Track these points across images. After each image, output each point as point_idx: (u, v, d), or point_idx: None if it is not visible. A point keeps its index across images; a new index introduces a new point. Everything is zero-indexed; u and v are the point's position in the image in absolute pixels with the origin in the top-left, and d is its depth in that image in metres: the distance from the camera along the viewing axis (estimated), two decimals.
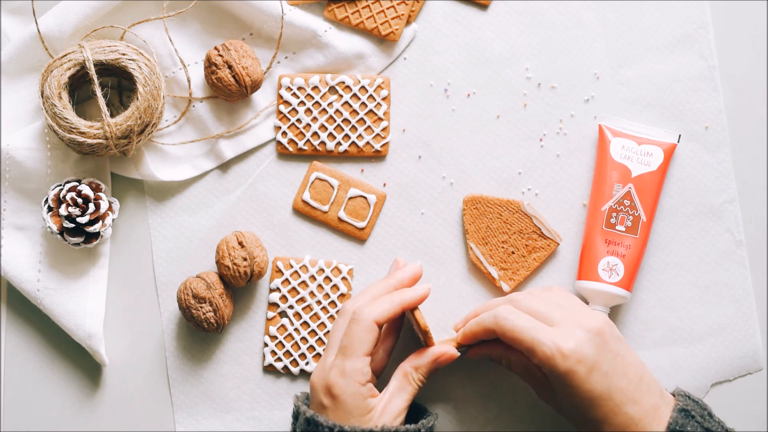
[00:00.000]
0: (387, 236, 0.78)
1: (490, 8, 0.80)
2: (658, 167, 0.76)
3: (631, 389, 0.65)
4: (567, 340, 0.65)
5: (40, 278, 0.77)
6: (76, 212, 0.73)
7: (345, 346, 0.67)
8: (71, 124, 0.73)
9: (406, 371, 0.69)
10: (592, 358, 0.64)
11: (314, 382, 0.68)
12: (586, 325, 0.66)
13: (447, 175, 0.79)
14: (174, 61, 0.79)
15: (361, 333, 0.67)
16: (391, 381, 0.70)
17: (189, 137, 0.80)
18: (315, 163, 0.79)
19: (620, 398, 0.65)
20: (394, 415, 0.67)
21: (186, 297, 0.74)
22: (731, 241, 0.78)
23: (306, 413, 0.67)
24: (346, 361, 0.66)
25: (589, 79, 0.79)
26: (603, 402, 0.64)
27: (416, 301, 0.69)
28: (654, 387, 0.67)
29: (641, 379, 0.66)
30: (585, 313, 0.68)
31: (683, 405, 0.66)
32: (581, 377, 0.64)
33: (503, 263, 0.76)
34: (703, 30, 0.79)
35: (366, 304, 0.68)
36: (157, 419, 0.78)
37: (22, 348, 0.78)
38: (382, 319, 0.67)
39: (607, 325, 0.67)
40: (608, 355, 0.65)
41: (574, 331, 0.65)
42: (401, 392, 0.69)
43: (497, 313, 0.67)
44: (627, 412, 0.65)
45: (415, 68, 0.79)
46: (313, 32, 0.78)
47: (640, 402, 0.65)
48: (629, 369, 0.66)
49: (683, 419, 0.65)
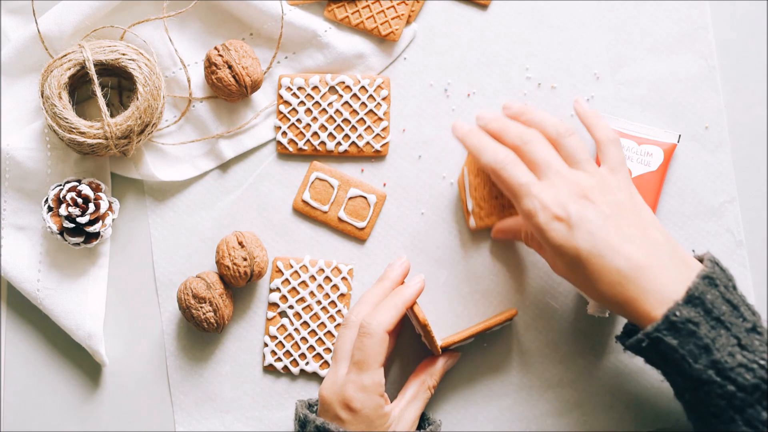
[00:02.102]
0: (387, 236, 0.78)
1: (490, 8, 0.80)
2: (658, 167, 0.76)
3: (622, 245, 0.63)
4: (546, 193, 0.64)
5: (40, 278, 0.77)
6: (76, 212, 0.73)
7: (360, 360, 0.67)
8: (71, 124, 0.73)
9: (422, 380, 0.72)
10: (575, 216, 0.63)
11: (327, 396, 0.68)
12: (577, 186, 0.64)
13: (447, 175, 0.79)
14: (174, 61, 0.79)
15: (375, 346, 0.67)
16: (407, 389, 0.72)
17: (189, 137, 0.80)
18: (315, 163, 0.79)
19: (608, 253, 0.62)
20: (409, 423, 0.70)
21: (186, 297, 0.74)
22: (731, 241, 0.78)
23: (315, 421, 0.67)
24: (363, 376, 0.67)
25: (589, 79, 0.79)
26: (591, 258, 0.62)
27: (415, 297, 0.70)
28: (662, 248, 0.64)
29: (641, 237, 0.63)
30: (588, 173, 0.66)
31: (709, 272, 0.63)
32: (561, 234, 0.63)
33: (482, 201, 0.75)
34: (703, 30, 0.79)
35: (371, 314, 0.68)
36: (157, 419, 0.78)
37: (22, 348, 0.78)
38: (391, 327, 0.68)
39: (606, 188, 0.65)
40: (595, 215, 0.63)
41: (561, 188, 0.64)
42: (416, 401, 0.71)
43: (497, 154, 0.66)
44: (616, 266, 0.62)
45: (415, 68, 0.79)
46: (313, 32, 0.78)
47: (633, 257, 0.62)
48: (625, 227, 0.63)
49: (705, 286, 0.62)
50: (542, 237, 0.64)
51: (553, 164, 0.66)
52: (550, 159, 0.66)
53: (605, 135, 0.68)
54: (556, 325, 0.77)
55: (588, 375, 0.76)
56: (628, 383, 0.76)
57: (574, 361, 0.76)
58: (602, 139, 0.68)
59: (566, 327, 0.77)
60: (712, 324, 0.61)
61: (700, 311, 0.61)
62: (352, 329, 0.69)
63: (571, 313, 0.77)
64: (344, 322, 0.70)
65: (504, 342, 0.77)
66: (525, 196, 0.65)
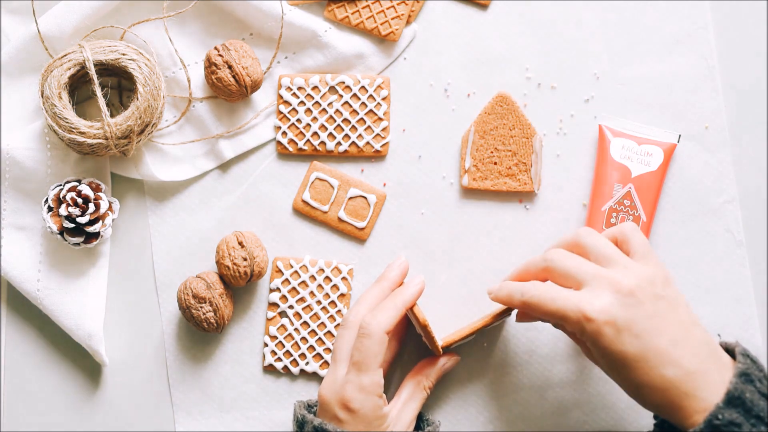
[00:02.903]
0: (387, 236, 0.78)
1: (490, 8, 0.80)
2: (658, 167, 0.76)
3: (669, 350, 0.62)
4: (593, 303, 0.62)
5: (40, 278, 0.77)
6: (76, 212, 0.73)
7: (359, 361, 0.67)
8: (71, 124, 0.73)
9: (418, 380, 0.72)
10: (621, 320, 0.62)
11: (326, 396, 0.68)
12: (619, 284, 0.63)
13: (447, 175, 0.79)
14: (174, 61, 0.79)
15: (374, 347, 0.67)
16: (402, 390, 0.72)
17: (189, 137, 0.80)
18: (315, 163, 0.79)
19: (656, 360, 0.61)
20: (406, 423, 0.70)
21: (186, 297, 0.74)
22: (731, 241, 0.78)
23: (313, 422, 0.67)
24: (362, 377, 0.67)
25: (589, 79, 0.79)
26: (637, 363, 0.62)
27: (415, 297, 0.70)
28: (702, 348, 0.63)
29: (685, 339, 0.62)
30: (624, 268, 0.65)
31: (744, 368, 0.62)
32: (610, 338, 0.62)
33: (480, 163, 0.76)
34: (703, 30, 0.79)
35: (370, 314, 0.68)
36: (157, 419, 0.78)
37: (22, 348, 0.78)
38: (391, 327, 0.68)
39: (645, 282, 0.63)
40: (641, 316, 0.62)
41: (602, 292, 0.63)
42: (412, 401, 0.71)
43: (523, 291, 0.66)
44: (664, 374, 0.61)
45: (415, 68, 0.79)
46: (313, 32, 0.78)
47: (680, 364, 0.61)
48: (669, 328, 0.63)
49: (742, 384, 0.61)
50: (593, 343, 0.63)
51: (588, 269, 0.65)
52: (582, 264, 0.65)
53: (620, 228, 0.68)
54: None
55: (588, 375, 0.76)
56: None
57: (574, 361, 0.76)
58: (623, 230, 0.68)
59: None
60: (753, 422, 0.61)
61: (740, 411, 0.60)
62: (351, 330, 0.69)
63: None
64: (343, 322, 0.70)
65: (504, 342, 0.77)
66: (571, 309, 0.63)
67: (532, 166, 0.77)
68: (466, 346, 0.77)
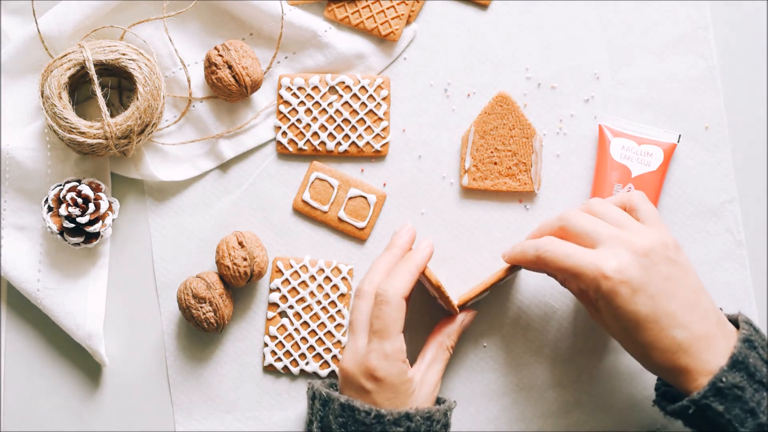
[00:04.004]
0: (387, 236, 0.78)
1: (490, 8, 0.80)
2: (658, 167, 0.76)
3: (680, 313, 0.62)
4: (609, 261, 0.63)
5: (40, 278, 0.77)
6: (76, 212, 0.73)
7: (380, 329, 0.66)
8: (71, 124, 0.73)
9: (440, 341, 0.72)
10: (637, 279, 0.62)
11: (349, 368, 0.67)
12: (634, 244, 0.63)
13: (447, 175, 0.79)
14: (174, 61, 0.79)
15: (394, 313, 0.66)
16: (426, 352, 0.72)
17: (189, 137, 0.80)
18: (315, 163, 0.79)
19: (667, 322, 0.62)
20: (432, 384, 0.70)
21: (186, 297, 0.74)
22: (731, 241, 0.78)
23: (339, 399, 0.66)
24: (385, 344, 0.66)
25: (589, 79, 0.79)
26: (649, 324, 0.62)
27: (426, 260, 0.69)
28: (710, 314, 0.63)
29: (695, 305, 0.63)
30: (638, 231, 0.65)
31: (747, 335, 0.63)
32: (625, 298, 0.62)
33: (480, 163, 0.77)
34: (703, 30, 0.79)
35: (386, 281, 0.67)
36: (157, 419, 0.78)
37: (22, 348, 0.78)
38: (407, 292, 0.67)
39: (659, 245, 0.64)
40: (656, 277, 0.63)
41: (619, 251, 0.63)
42: (436, 363, 0.71)
43: (538, 245, 0.66)
44: (674, 336, 0.62)
45: (415, 68, 0.79)
46: (313, 32, 0.78)
47: (689, 327, 0.62)
48: (681, 292, 0.63)
49: (746, 350, 0.62)
50: (607, 302, 0.63)
51: (603, 230, 0.65)
52: (598, 225, 0.66)
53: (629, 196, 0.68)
54: (556, 325, 0.77)
55: (588, 375, 0.76)
56: (627, 383, 0.76)
57: (574, 361, 0.76)
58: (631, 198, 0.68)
59: (566, 327, 0.77)
60: (755, 387, 0.62)
61: (744, 375, 0.61)
62: (367, 299, 0.68)
63: (571, 313, 0.77)
64: (357, 293, 0.69)
65: (504, 342, 0.77)
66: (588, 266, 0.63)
67: (532, 166, 0.77)
68: (466, 344, 0.77)
